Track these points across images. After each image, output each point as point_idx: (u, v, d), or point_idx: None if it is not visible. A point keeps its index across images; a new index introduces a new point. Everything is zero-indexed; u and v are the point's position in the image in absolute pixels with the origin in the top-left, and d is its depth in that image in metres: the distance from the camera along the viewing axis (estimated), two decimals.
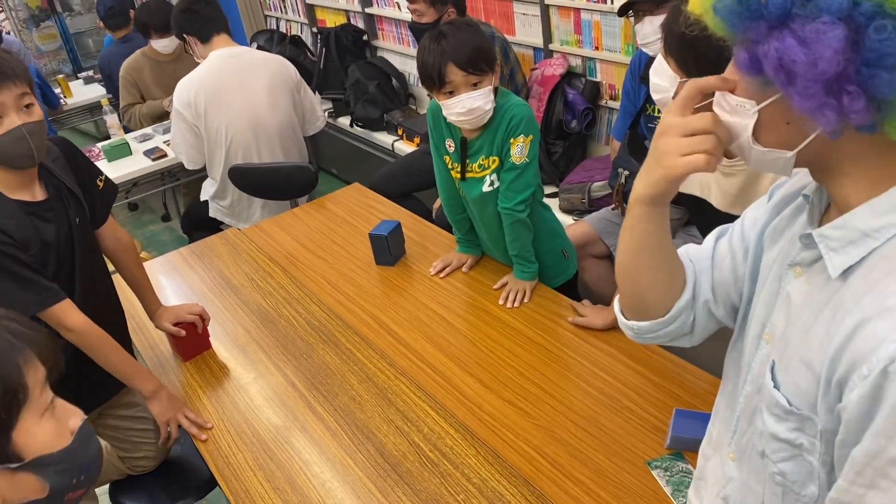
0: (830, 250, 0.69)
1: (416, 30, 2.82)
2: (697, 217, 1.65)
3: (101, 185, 1.64)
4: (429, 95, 1.72)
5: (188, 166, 2.90)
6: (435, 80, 1.65)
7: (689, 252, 0.95)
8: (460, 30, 1.64)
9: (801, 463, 0.73)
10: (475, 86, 1.64)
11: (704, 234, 1.64)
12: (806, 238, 0.73)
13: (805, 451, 0.72)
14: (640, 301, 0.91)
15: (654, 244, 0.84)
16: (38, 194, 1.47)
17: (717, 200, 1.48)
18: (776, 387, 0.73)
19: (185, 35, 2.75)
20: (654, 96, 1.34)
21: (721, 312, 0.91)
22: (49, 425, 0.80)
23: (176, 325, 1.76)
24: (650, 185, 0.78)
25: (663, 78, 1.32)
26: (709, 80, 0.74)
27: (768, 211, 0.86)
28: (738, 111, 0.71)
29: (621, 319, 0.95)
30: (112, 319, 1.65)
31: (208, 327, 1.83)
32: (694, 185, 1.53)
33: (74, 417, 0.85)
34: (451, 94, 1.65)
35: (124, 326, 1.74)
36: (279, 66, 2.81)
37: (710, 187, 1.49)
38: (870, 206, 0.66)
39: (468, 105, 1.64)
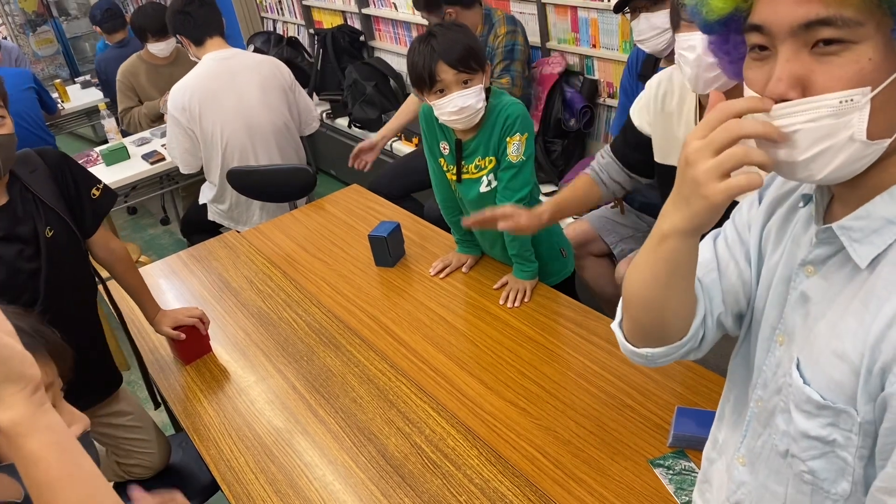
0: (854, 241, 0.67)
1: None
2: (668, 189, 1.58)
3: (96, 194, 1.63)
4: (419, 97, 1.73)
5: (183, 170, 2.90)
6: (426, 80, 1.64)
7: None
8: (450, 30, 1.65)
9: (833, 460, 0.71)
10: (466, 84, 1.63)
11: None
12: (824, 233, 0.71)
13: (838, 447, 0.70)
14: (660, 330, 0.84)
15: (686, 273, 0.77)
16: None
17: None
18: (806, 383, 0.72)
19: (178, 35, 2.76)
20: (707, 75, 1.22)
21: (730, 322, 0.87)
22: None
23: (176, 328, 1.75)
24: (690, 217, 0.69)
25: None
26: (742, 103, 0.64)
27: (762, 214, 0.84)
28: (843, 109, 0.61)
29: (628, 347, 0.89)
30: (81, 333, 1.61)
31: (208, 330, 1.82)
32: (676, 158, 1.49)
33: (76, 426, 0.83)
34: (442, 93, 1.65)
35: (97, 339, 1.72)
36: (272, 68, 2.82)
37: None
38: (890, 193, 0.65)
39: (459, 104, 1.64)
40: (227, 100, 2.71)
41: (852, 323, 0.67)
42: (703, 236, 0.76)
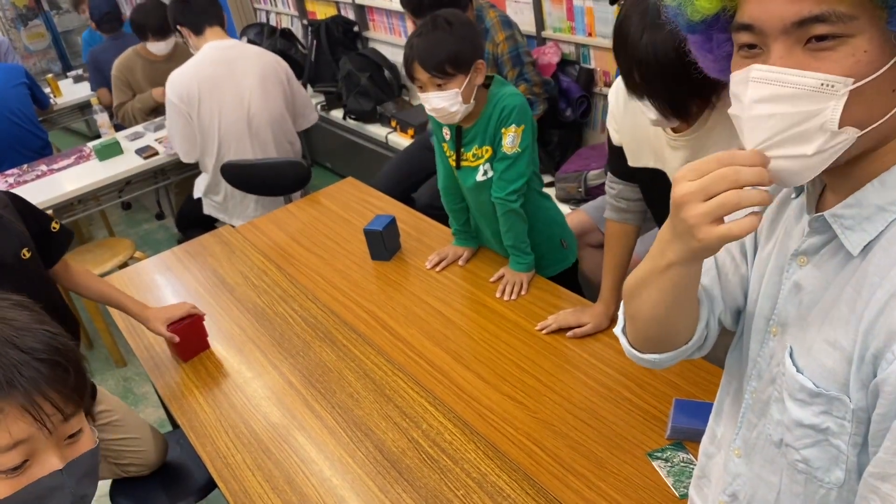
0: (846, 229, 0.68)
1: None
2: (651, 192, 1.57)
3: (56, 227, 1.67)
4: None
5: (184, 159, 2.90)
6: (408, 75, 1.70)
7: None
8: (438, 29, 1.64)
9: (826, 448, 0.72)
10: (440, 87, 1.65)
11: (655, 210, 1.58)
12: (816, 221, 0.71)
13: (831, 435, 0.71)
14: (667, 339, 0.85)
15: (692, 292, 0.79)
16: None
17: (670, 173, 1.44)
18: (799, 371, 0.72)
19: (178, 26, 2.78)
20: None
21: (728, 319, 0.88)
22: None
23: (171, 325, 1.74)
24: (687, 252, 0.69)
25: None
26: (742, 158, 0.63)
27: None
28: (820, 93, 0.60)
29: (633, 353, 0.89)
30: None
31: (204, 326, 1.81)
32: (648, 158, 1.47)
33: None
34: (421, 89, 1.69)
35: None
36: (271, 60, 2.84)
37: (665, 159, 1.43)
38: (881, 180, 0.65)
39: (434, 104, 1.67)
40: (227, 88, 2.72)
41: (844, 310, 0.67)
42: None
